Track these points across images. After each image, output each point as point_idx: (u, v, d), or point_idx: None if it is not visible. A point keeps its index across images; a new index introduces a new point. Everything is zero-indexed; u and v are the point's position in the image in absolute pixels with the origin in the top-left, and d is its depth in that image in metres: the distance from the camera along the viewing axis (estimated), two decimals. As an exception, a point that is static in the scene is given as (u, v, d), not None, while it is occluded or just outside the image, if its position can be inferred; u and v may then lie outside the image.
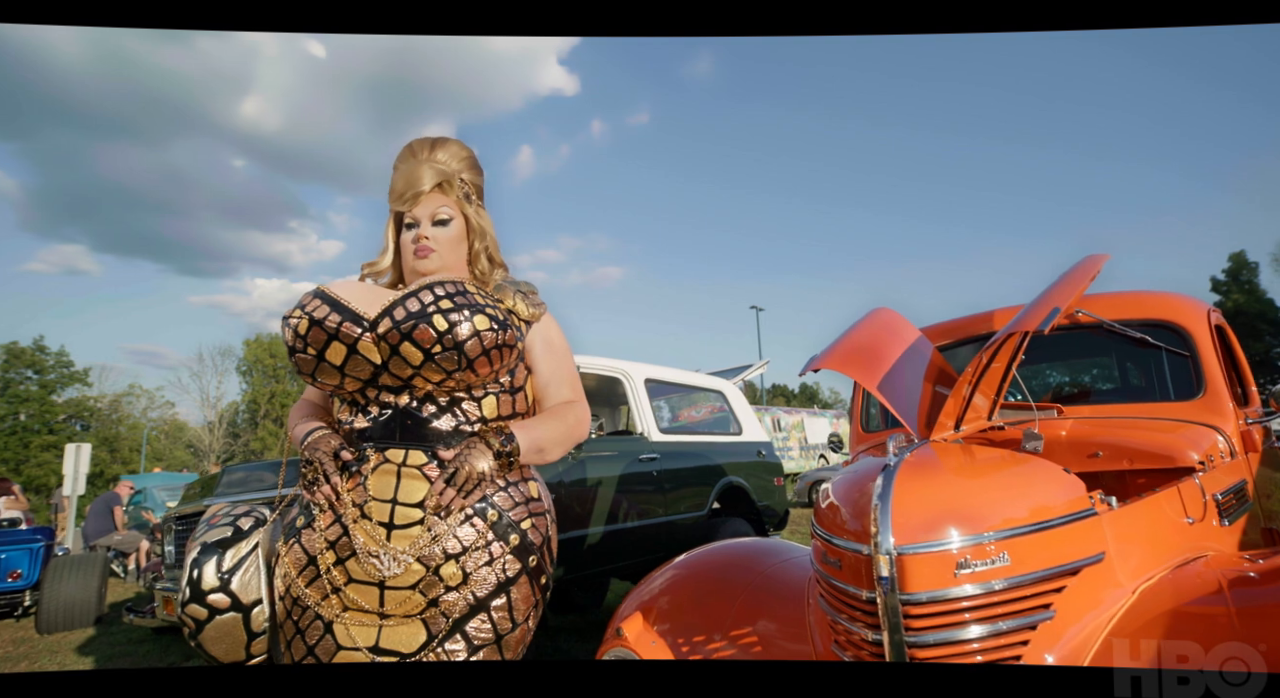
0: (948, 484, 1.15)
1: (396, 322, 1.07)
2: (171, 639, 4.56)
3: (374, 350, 1.09)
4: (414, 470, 1.10)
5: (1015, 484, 1.15)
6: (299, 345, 1.11)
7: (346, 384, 1.13)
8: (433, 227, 1.24)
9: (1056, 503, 1.13)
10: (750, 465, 4.83)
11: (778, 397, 42.99)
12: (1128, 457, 1.71)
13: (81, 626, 5.22)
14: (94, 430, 32.06)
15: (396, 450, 1.12)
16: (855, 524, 1.16)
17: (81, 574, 5.28)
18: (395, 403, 1.13)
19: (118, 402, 35.24)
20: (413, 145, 1.28)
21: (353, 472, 1.12)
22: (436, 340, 1.06)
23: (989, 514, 1.08)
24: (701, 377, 5.00)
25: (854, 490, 1.26)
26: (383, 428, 1.13)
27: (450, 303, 1.09)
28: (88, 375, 32.65)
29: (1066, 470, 1.23)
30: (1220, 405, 1.83)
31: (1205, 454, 1.65)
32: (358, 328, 1.09)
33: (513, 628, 1.10)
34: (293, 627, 1.13)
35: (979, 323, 2.39)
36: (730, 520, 4.46)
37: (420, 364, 1.08)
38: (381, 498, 1.09)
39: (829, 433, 10.87)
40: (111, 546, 7.12)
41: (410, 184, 1.23)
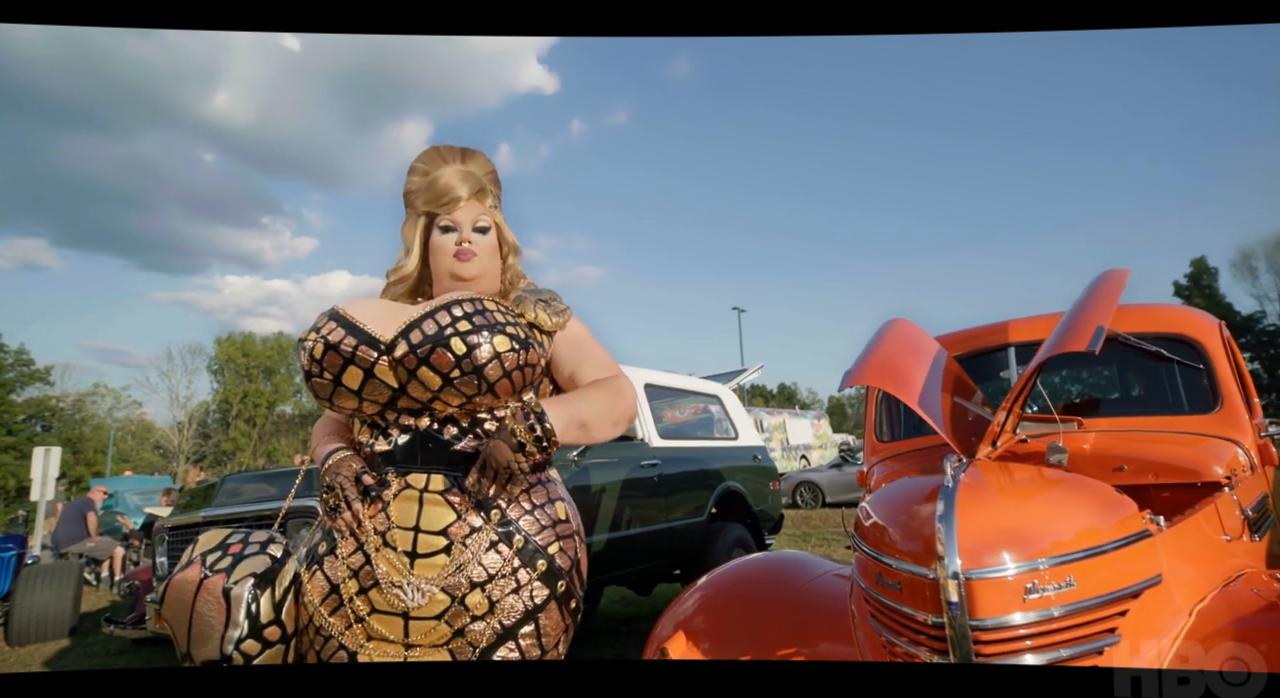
0: (1008, 507, 1.15)
1: (413, 346, 1.03)
2: (153, 651, 4.41)
3: (391, 374, 1.05)
4: (436, 497, 1.07)
5: (1074, 506, 1.15)
6: (315, 370, 1.07)
7: (365, 407, 1.10)
8: (473, 232, 1.21)
9: (1115, 525, 1.13)
10: (746, 470, 4.83)
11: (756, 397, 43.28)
12: (1153, 471, 1.73)
13: (55, 637, 5.04)
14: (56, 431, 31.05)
15: (418, 475, 1.08)
16: (914, 546, 1.15)
17: (55, 584, 5.10)
18: (416, 426, 1.09)
19: (81, 401, 34.20)
20: (441, 151, 1.25)
21: (374, 497, 1.08)
22: (455, 365, 1.02)
23: (1053, 538, 1.08)
24: (698, 381, 5.00)
25: (908, 511, 1.25)
26: (404, 451, 1.09)
27: (468, 324, 1.05)
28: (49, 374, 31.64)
29: (1118, 490, 1.23)
30: (1238, 419, 1.86)
31: (1229, 469, 1.67)
32: (374, 351, 1.05)
33: (542, 655, 1.07)
34: (315, 657, 1.10)
35: (993, 334, 2.41)
36: (728, 526, 4.46)
37: (439, 388, 1.04)
38: (404, 526, 1.06)
39: (839, 443, 10.97)
40: (84, 553, 6.89)
41: (450, 188, 1.20)
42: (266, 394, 39.48)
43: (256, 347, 40.00)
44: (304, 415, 41.30)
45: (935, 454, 2.20)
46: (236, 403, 38.69)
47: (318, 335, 1.07)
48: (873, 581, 1.26)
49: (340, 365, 1.06)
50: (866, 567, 1.31)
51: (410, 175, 1.26)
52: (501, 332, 1.06)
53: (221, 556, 1.15)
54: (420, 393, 1.06)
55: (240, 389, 38.91)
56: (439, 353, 1.02)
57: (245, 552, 1.16)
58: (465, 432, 1.10)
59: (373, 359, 1.05)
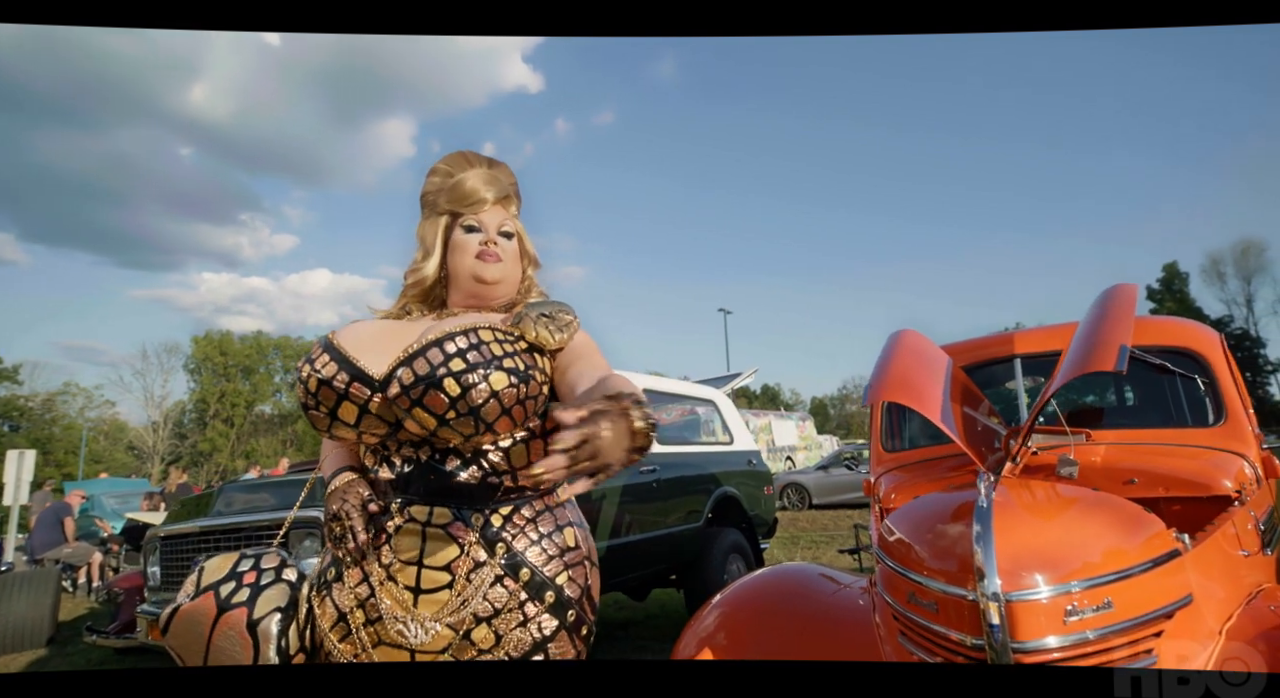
0: (1043, 527, 1.15)
1: (405, 387, 0.98)
2: (137, 661, 4.31)
3: (386, 411, 1.02)
4: (439, 530, 1.03)
5: (1107, 526, 1.17)
6: (310, 403, 1.04)
7: (364, 438, 1.07)
8: (498, 236, 1.18)
9: (1147, 544, 1.14)
10: (742, 475, 4.85)
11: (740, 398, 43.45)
12: (1163, 484, 1.76)
13: (33, 647, 4.91)
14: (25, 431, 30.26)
15: (420, 508, 1.04)
16: (950, 566, 1.15)
17: (32, 591, 4.96)
18: (418, 456, 1.05)
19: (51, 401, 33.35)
20: (467, 155, 1.23)
21: (379, 528, 1.05)
22: (450, 406, 0.96)
23: (1089, 559, 1.09)
24: (694, 386, 5.00)
25: (940, 529, 1.26)
26: (406, 481, 1.05)
27: (462, 362, 0.97)
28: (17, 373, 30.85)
29: (1146, 509, 1.25)
30: (1243, 432, 1.90)
31: (1237, 482, 1.71)
32: (367, 388, 1.01)
33: None
34: None
35: (999, 344, 2.44)
36: (724, 531, 4.46)
37: (436, 428, 1.00)
38: (407, 559, 1.03)
39: (841, 452, 11.04)
40: (61, 559, 6.72)
41: (477, 189, 1.17)
42: (245, 394, 38.83)
43: (234, 345, 39.33)
44: (283, 415, 40.71)
45: (944, 465, 2.22)
46: (214, 403, 38.00)
47: (312, 370, 1.03)
48: (904, 599, 1.26)
49: (335, 401, 1.02)
50: (896, 584, 1.31)
51: (431, 176, 1.22)
52: (499, 368, 0.99)
53: (236, 586, 1.10)
54: (417, 429, 1.02)
55: (218, 389, 38.23)
56: (432, 394, 0.96)
57: (263, 581, 1.12)
58: (468, 463, 1.05)
59: (366, 397, 1.02)
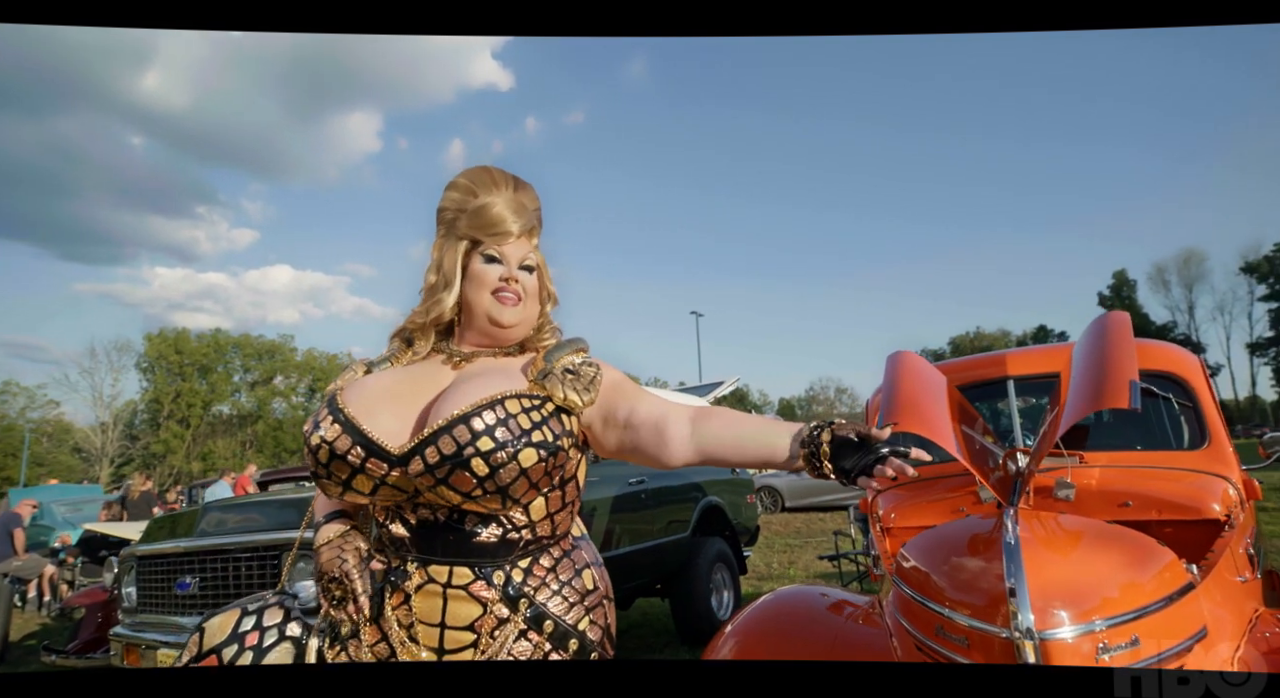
0: (1071, 564, 1.19)
1: (430, 466, 0.94)
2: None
3: (405, 483, 0.98)
4: (461, 591, 1.00)
5: (1129, 561, 1.21)
6: (321, 473, 0.99)
7: (378, 502, 1.03)
8: (519, 270, 1.10)
9: (1165, 578, 1.19)
10: (724, 484, 4.88)
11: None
12: (1155, 508, 1.83)
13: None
14: (-39, 433, 28.77)
15: (440, 568, 1.00)
16: (981, 602, 1.18)
17: (-18, 609, 4.72)
18: (436, 518, 1.01)
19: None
20: (493, 173, 1.13)
21: (396, 586, 1.01)
22: (477, 485, 0.94)
23: (1116, 595, 1.13)
24: (678, 395, 5.02)
25: (967, 563, 1.29)
26: (424, 541, 1.01)
27: (491, 441, 0.93)
28: (-47, 371, 29.20)
29: (1123, 525, 1.30)
30: (1225, 455, 1.99)
31: (1225, 506, 1.79)
32: (384, 464, 0.97)
33: None
34: None
35: (992, 365, 2.50)
36: (709, 541, 4.49)
37: (459, 503, 0.98)
38: (429, 622, 1.00)
39: None
40: (10, 572, 6.40)
41: (503, 218, 1.08)
42: (201, 394, 37.50)
43: (191, 343, 37.94)
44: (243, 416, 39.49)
45: (941, 485, 2.27)
46: (168, 403, 36.62)
47: (322, 441, 0.97)
48: (930, 631, 1.29)
49: (349, 474, 0.98)
50: (919, 615, 1.33)
51: (450, 191, 1.13)
52: (529, 444, 0.95)
53: (239, 649, 1.04)
54: (439, 501, 0.99)
55: (172, 388, 36.85)
56: (459, 474, 0.93)
57: (265, 643, 1.06)
58: (488, 521, 1.02)
59: (384, 472, 0.98)
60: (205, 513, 2.62)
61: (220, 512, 2.63)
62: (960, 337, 48.18)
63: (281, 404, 40.34)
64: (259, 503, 2.68)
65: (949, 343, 48.47)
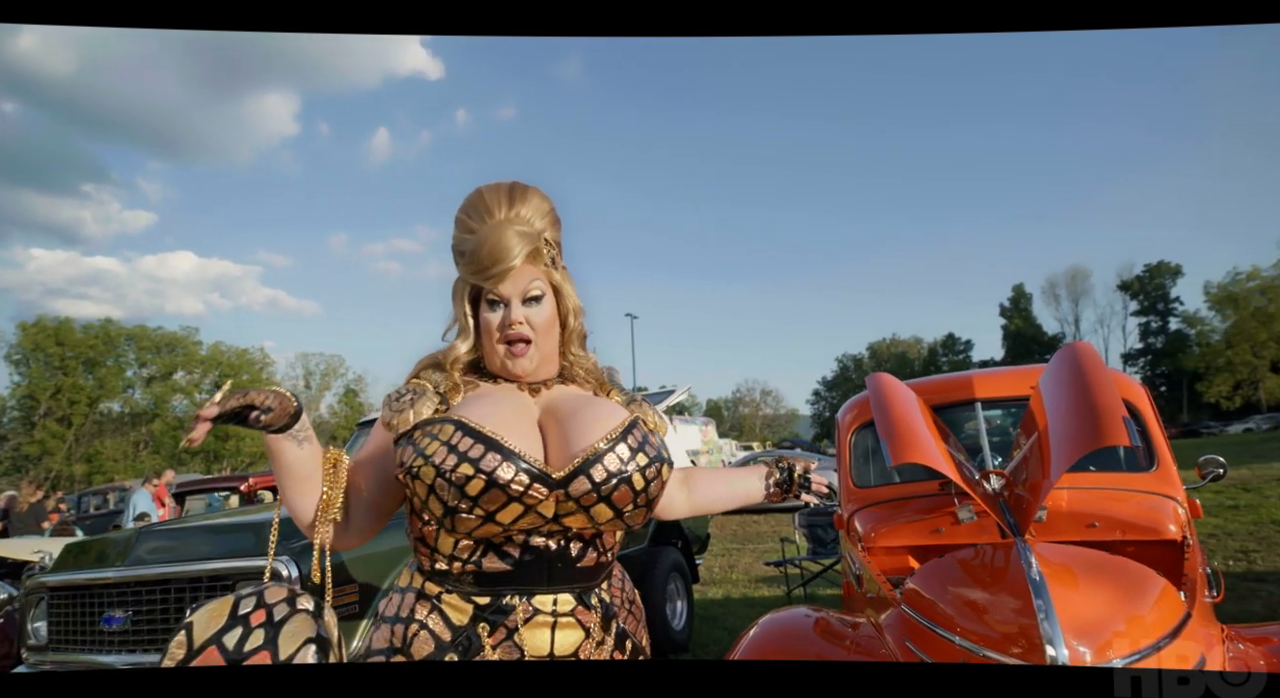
0: (1093, 598, 1.25)
1: (595, 484, 0.94)
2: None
3: (553, 507, 0.95)
4: (568, 619, 1.00)
5: (1141, 594, 1.29)
6: (464, 507, 0.91)
7: (513, 531, 0.97)
8: (523, 306, 1.04)
9: (1170, 609, 1.28)
10: (678, 493, 4.90)
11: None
12: (1120, 528, 1.97)
13: None
14: None
15: (544, 597, 0.99)
16: (1011, 637, 1.22)
17: None
18: (546, 546, 0.99)
19: None
20: (484, 197, 1.05)
21: (497, 624, 0.97)
22: (631, 499, 0.96)
23: (1134, 628, 1.20)
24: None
25: (989, 598, 1.33)
26: (528, 572, 0.99)
27: (645, 457, 0.97)
28: None
29: (1089, 546, 1.38)
30: (1172, 477, 2.16)
31: (1179, 527, 1.95)
32: (545, 488, 0.93)
33: None
34: None
35: (959, 387, 2.62)
36: (664, 551, 4.49)
37: (607, 521, 0.97)
38: (538, 654, 0.98)
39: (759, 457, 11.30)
40: None
41: (497, 256, 1.00)
42: (87, 389, 34.20)
43: (75, 334, 34.49)
44: (136, 413, 36.32)
45: (920, 504, 2.35)
46: (46, 399, 33.17)
47: (475, 469, 0.90)
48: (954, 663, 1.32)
49: (500, 504, 0.92)
50: (939, 647, 1.37)
51: (456, 228, 1.08)
52: (666, 461, 1.02)
53: (245, 631, 0.92)
54: (579, 523, 0.97)
55: (52, 383, 33.40)
56: (621, 490, 0.95)
57: (276, 617, 0.95)
58: (587, 545, 1.02)
59: (541, 497, 0.93)
60: (141, 537, 2.37)
61: (159, 539, 2.38)
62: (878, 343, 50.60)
63: (183, 401, 37.36)
64: (207, 527, 2.44)
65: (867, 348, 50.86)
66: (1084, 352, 2.02)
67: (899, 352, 48.98)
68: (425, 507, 0.95)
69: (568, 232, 1.16)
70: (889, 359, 48.92)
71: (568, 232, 1.16)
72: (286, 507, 1.02)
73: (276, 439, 0.96)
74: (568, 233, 1.16)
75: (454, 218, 1.09)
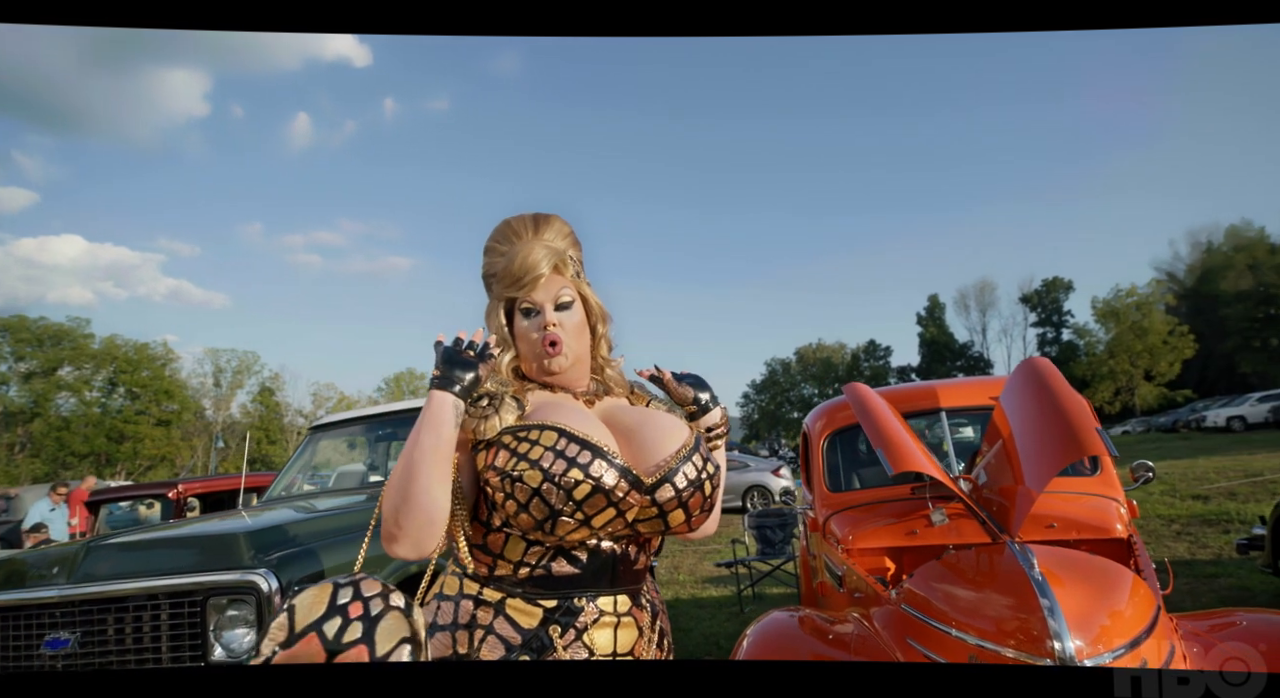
0: (1088, 596, 1.38)
1: (678, 490, 1.02)
2: None
3: (636, 512, 1.02)
4: (628, 619, 1.07)
5: (1123, 589, 1.44)
6: (568, 510, 0.97)
7: (601, 534, 1.04)
8: (556, 310, 1.13)
9: (1145, 602, 1.43)
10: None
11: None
12: (1075, 528, 2.17)
13: None
14: None
15: (607, 598, 1.05)
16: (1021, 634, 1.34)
17: None
18: (613, 549, 1.06)
19: None
20: (512, 225, 1.18)
21: (567, 625, 1.02)
22: (701, 505, 1.05)
23: (1124, 623, 1.33)
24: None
25: (993, 597, 1.45)
26: (593, 575, 1.05)
27: (714, 466, 1.08)
28: None
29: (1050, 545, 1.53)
30: (1114, 481, 2.40)
31: (1126, 526, 2.16)
32: (638, 493, 1.01)
33: None
34: None
35: (924, 396, 2.80)
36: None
37: (675, 525, 1.05)
38: (604, 654, 1.04)
39: (781, 487, 11.34)
40: None
41: (527, 266, 1.11)
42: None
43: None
44: (11, 412, 32.83)
45: (893, 508, 2.50)
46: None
47: (585, 475, 0.96)
48: (963, 660, 1.43)
49: (599, 509, 0.98)
50: (946, 645, 1.48)
51: (486, 256, 1.19)
52: (720, 468, 1.12)
53: (343, 621, 0.94)
54: (651, 528, 1.04)
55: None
56: (697, 496, 1.04)
57: (373, 611, 0.96)
58: (640, 550, 1.10)
59: (635, 503, 1.00)
60: (90, 552, 2.18)
61: (112, 551, 2.20)
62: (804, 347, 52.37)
63: (69, 399, 34.14)
64: (168, 539, 2.27)
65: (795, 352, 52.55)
66: (1046, 368, 2.20)
67: (824, 356, 50.90)
68: (524, 510, 0.97)
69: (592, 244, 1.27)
70: (815, 363, 50.76)
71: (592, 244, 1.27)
72: (413, 496, 0.96)
73: (445, 400, 0.98)
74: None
75: (484, 250, 1.20)
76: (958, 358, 47.98)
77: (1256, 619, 1.59)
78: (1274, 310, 31.77)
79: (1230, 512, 6.94)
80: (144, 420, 35.83)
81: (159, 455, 36.02)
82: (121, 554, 2.23)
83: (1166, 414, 26.27)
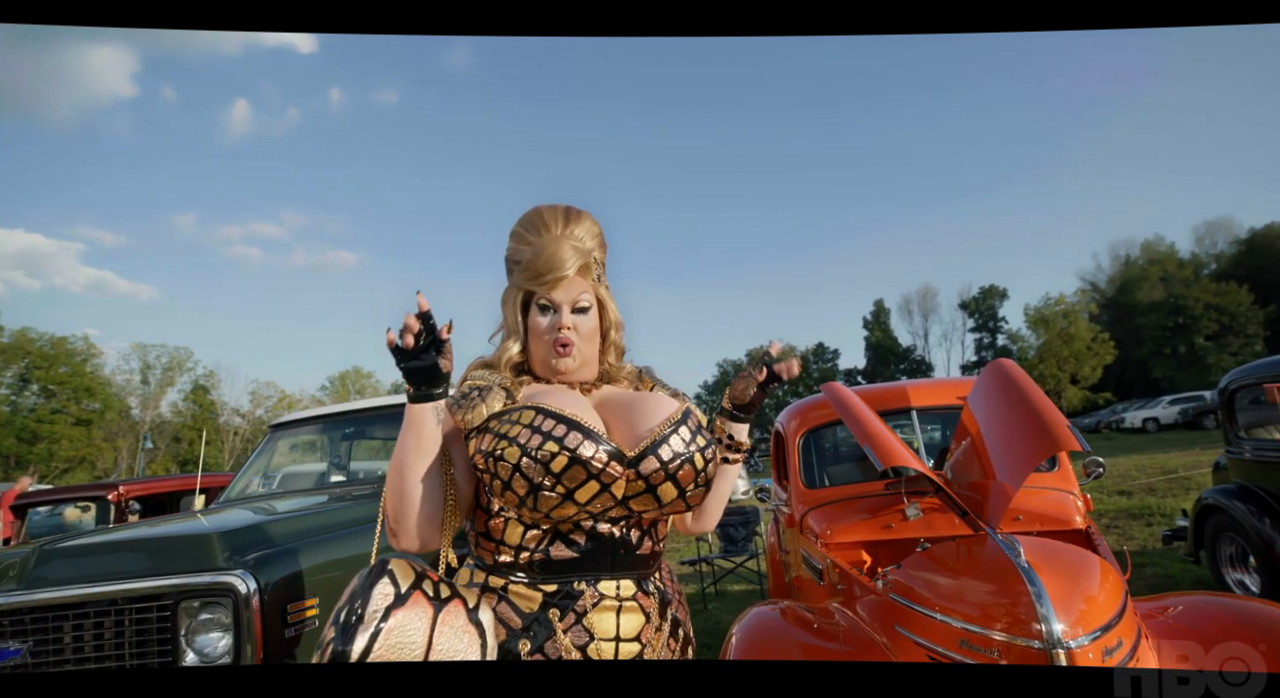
0: (1070, 581, 1.48)
1: (664, 462, 1.02)
2: None
3: (623, 487, 1.02)
4: (631, 603, 1.07)
5: (1099, 574, 1.53)
6: (548, 484, 0.98)
7: (590, 511, 1.03)
8: (573, 313, 1.14)
9: (1115, 586, 1.53)
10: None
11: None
12: (1039, 521, 2.30)
13: None
14: None
15: (609, 582, 1.06)
16: (1009, 618, 1.42)
17: None
18: (611, 533, 1.07)
19: None
20: (543, 214, 1.16)
21: (567, 609, 1.04)
22: (693, 479, 1.04)
23: (1102, 605, 1.43)
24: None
25: (983, 585, 1.53)
26: (591, 559, 1.06)
27: (703, 438, 1.07)
28: None
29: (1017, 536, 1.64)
30: (1070, 476, 2.55)
31: (1084, 518, 2.30)
32: (620, 465, 1.01)
33: None
34: None
35: (895, 396, 2.91)
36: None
37: (670, 501, 1.04)
38: (606, 638, 1.04)
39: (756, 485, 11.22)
40: None
41: (554, 265, 1.11)
42: None
43: None
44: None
45: (869, 503, 2.59)
46: None
47: (560, 446, 0.97)
48: (953, 644, 1.51)
49: (580, 481, 0.99)
50: (937, 631, 1.55)
51: (511, 241, 1.18)
52: (715, 442, 1.12)
53: (434, 584, 1.01)
54: (644, 506, 1.04)
55: None
56: (686, 469, 1.03)
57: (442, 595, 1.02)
58: (644, 534, 1.10)
59: (617, 475, 1.00)
60: (41, 556, 2.04)
61: (66, 555, 2.06)
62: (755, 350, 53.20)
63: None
64: (129, 541, 2.14)
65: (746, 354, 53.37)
66: (1015, 370, 2.32)
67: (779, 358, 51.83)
68: (508, 488, 1.00)
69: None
70: (766, 365, 51.58)
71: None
72: (406, 493, 1.00)
73: (423, 408, 0.99)
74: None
75: (510, 232, 1.19)
76: (901, 361, 49.75)
77: (1195, 601, 1.71)
78: (1183, 320, 34.25)
79: (1152, 506, 7.45)
80: (61, 419, 33.53)
81: (78, 457, 33.76)
82: (78, 558, 2.09)
83: (1090, 416, 27.92)
